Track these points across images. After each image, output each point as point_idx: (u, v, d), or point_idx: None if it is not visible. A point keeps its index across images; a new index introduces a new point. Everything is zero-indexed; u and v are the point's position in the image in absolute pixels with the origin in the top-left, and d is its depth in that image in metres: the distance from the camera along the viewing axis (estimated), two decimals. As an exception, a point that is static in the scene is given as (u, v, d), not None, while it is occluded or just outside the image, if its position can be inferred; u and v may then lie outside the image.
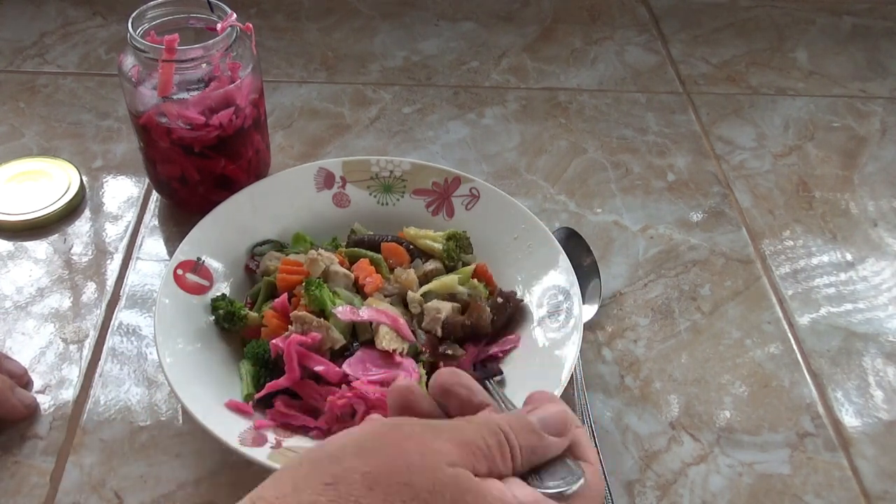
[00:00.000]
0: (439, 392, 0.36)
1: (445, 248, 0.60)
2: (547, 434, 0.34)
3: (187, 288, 0.57)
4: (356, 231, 0.63)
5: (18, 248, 0.66)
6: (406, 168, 0.66)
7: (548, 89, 0.86)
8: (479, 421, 0.33)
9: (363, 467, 0.29)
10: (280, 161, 0.74)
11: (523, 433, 0.33)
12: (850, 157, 0.80)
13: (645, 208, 0.73)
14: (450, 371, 0.37)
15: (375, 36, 0.93)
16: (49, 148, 0.75)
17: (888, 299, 0.66)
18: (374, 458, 0.30)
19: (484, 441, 0.32)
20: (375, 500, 0.28)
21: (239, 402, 0.51)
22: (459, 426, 0.33)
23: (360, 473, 0.29)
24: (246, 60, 0.61)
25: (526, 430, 0.33)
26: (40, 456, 0.52)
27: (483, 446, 0.32)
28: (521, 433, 0.33)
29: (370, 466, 0.29)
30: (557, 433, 0.34)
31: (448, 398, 0.36)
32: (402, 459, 0.30)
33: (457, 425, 0.33)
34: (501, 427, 0.33)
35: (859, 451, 0.55)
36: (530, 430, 0.33)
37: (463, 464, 0.31)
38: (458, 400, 0.36)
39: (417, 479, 0.29)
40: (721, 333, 0.62)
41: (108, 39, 0.89)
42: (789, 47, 0.95)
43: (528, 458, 0.33)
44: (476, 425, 0.33)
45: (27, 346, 0.58)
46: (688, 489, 0.52)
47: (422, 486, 0.29)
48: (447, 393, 0.36)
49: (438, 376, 0.36)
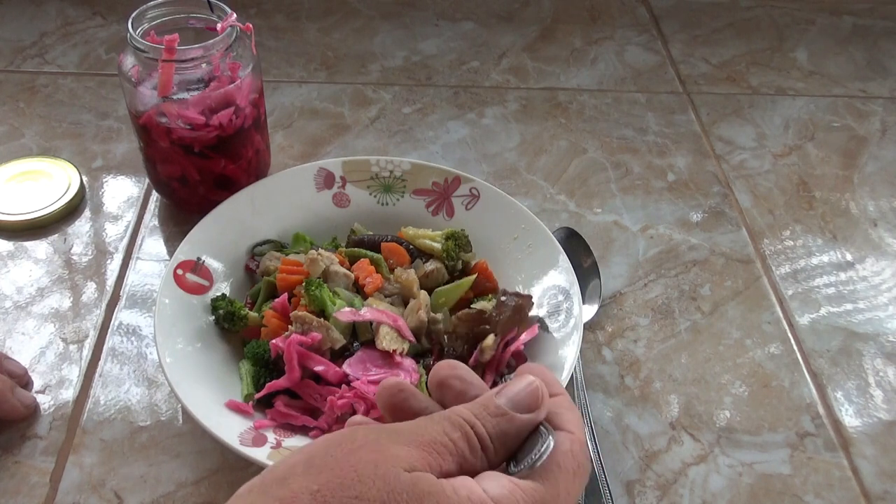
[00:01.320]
0: (435, 386, 0.34)
1: (445, 248, 0.60)
2: (517, 413, 0.31)
3: (187, 288, 0.57)
4: (356, 231, 0.63)
5: (18, 248, 0.66)
6: (406, 168, 0.66)
7: (548, 89, 0.86)
8: (442, 416, 0.31)
9: (312, 486, 0.27)
10: (280, 161, 0.74)
11: (490, 419, 0.31)
12: (850, 157, 0.80)
13: (645, 208, 0.73)
14: (447, 363, 0.34)
15: (375, 36, 0.93)
16: (49, 148, 0.75)
17: (888, 299, 0.66)
18: (323, 474, 0.28)
19: (447, 437, 0.30)
20: None
21: (239, 402, 0.51)
22: (420, 425, 0.31)
23: (308, 493, 0.27)
24: (246, 60, 0.61)
25: (492, 415, 0.31)
26: (40, 456, 0.52)
27: (447, 442, 0.30)
28: (487, 419, 0.31)
29: (319, 484, 0.27)
30: (529, 409, 0.31)
31: (443, 392, 0.34)
32: (353, 471, 0.28)
33: (418, 424, 0.31)
34: (465, 417, 0.31)
35: (859, 451, 0.55)
36: (497, 414, 0.31)
37: (424, 466, 0.29)
38: (452, 393, 0.33)
39: (369, 490, 0.27)
40: (721, 333, 0.62)
41: (108, 39, 0.89)
42: (789, 47, 0.95)
43: (502, 444, 0.31)
44: (437, 421, 0.30)
45: (27, 346, 0.58)
46: (688, 489, 0.52)
47: (374, 497, 0.27)
48: (442, 386, 0.34)
49: (435, 369, 0.34)
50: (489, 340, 0.53)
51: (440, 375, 0.34)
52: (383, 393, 0.34)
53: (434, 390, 0.34)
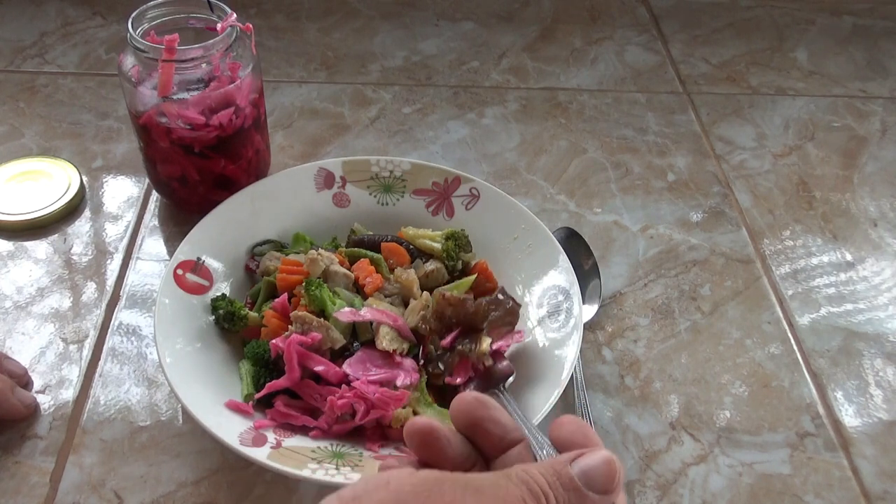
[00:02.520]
0: (466, 425, 0.34)
1: (444, 248, 0.60)
2: (591, 492, 0.31)
3: (187, 288, 0.57)
4: (356, 231, 0.63)
5: (18, 248, 0.66)
6: (406, 168, 0.66)
7: (548, 89, 0.86)
8: (519, 479, 0.31)
9: None
10: (280, 161, 0.74)
11: (562, 492, 0.31)
12: (850, 157, 0.80)
13: (645, 208, 0.73)
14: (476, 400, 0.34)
15: (375, 36, 0.93)
16: (49, 148, 0.75)
17: (888, 299, 0.66)
18: None
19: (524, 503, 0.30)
20: None
21: (239, 402, 0.51)
22: (500, 485, 0.31)
23: None
24: (246, 60, 0.61)
25: (566, 488, 0.31)
26: (40, 456, 0.52)
27: None
28: (560, 492, 0.31)
29: None
30: (603, 490, 0.31)
31: (477, 435, 0.34)
32: None
33: (498, 484, 0.31)
34: (541, 486, 0.31)
35: (859, 451, 0.55)
36: (571, 488, 0.31)
37: None
38: (488, 439, 0.34)
39: None
40: (721, 333, 0.62)
41: (108, 39, 0.89)
42: (789, 47, 0.95)
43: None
44: (517, 484, 0.30)
45: (27, 346, 0.58)
46: (688, 489, 0.52)
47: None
48: (476, 428, 0.34)
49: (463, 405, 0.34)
50: (485, 345, 0.52)
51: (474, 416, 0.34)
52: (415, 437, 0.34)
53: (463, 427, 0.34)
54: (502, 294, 0.56)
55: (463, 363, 0.52)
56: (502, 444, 0.34)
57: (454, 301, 0.53)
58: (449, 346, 0.53)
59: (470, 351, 0.52)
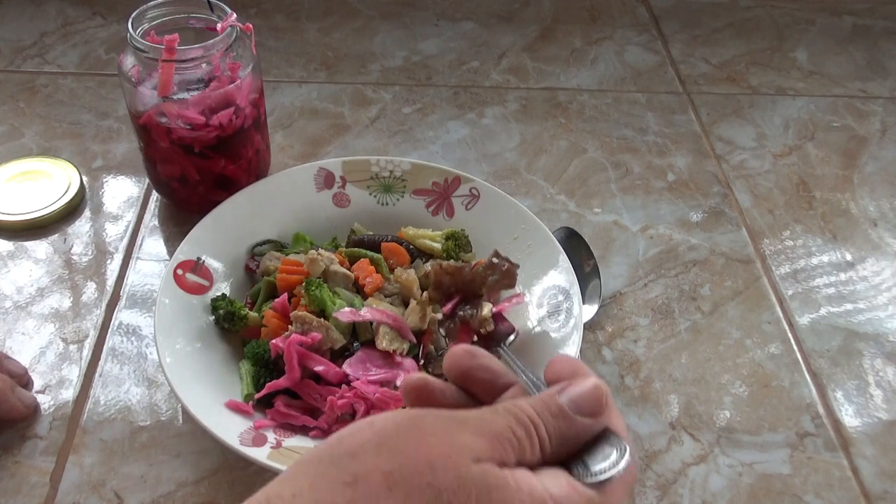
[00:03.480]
0: (458, 376, 0.34)
1: (444, 248, 0.60)
2: (579, 416, 0.31)
3: (187, 288, 0.57)
4: (356, 231, 0.63)
5: (18, 248, 0.66)
6: (406, 168, 0.66)
7: (548, 89, 0.86)
8: (506, 410, 0.31)
9: (384, 466, 0.28)
10: (280, 161, 0.74)
11: (551, 420, 0.31)
12: (850, 157, 0.80)
13: (645, 208, 0.73)
14: (464, 351, 0.35)
15: (375, 36, 0.93)
16: (49, 148, 0.75)
17: (888, 299, 0.66)
18: (396, 456, 0.29)
19: (512, 432, 0.30)
20: (396, 501, 0.27)
21: (239, 402, 0.51)
22: (485, 417, 0.31)
23: (380, 473, 0.28)
24: (246, 60, 0.61)
25: (554, 415, 0.31)
26: (40, 456, 0.52)
27: (511, 438, 0.30)
28: (549, 420, 0.31)
29: (391, 465, 0.28)
30: (591, 413, 0.32)
31: (469, 383, 0.34)
32: (425, 457, 0.29)
33: (483, 416, 0.31)
34: (529, 416, 0.31)
35: (859, 451, 0.55)
36: (559, 415, 0.31)
37: (490, 457, 0.29)
38: (480, 386, 0.34)
39: (441, 478, 0.28)
40: (721, 333, 0.62)
41: (108, 39, 0.89)
42: (789, 47, 0.95)
43: (560, 444, 0.31)
44: (503, 415, 0.31)
45: (27, 346, 0.58)
46: (688, 489, 0.52)
47: (445, 485, 0.28)
48: (467, 378, 0.34)
49: (453, 358, 0.34)
50: (486, 311, 0.52)
51: (463, 366, 0.34)
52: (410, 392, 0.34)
53: (457, 380, 0.35)
54: (497, 257, 0.55)
55: (465, 329, 0.52)
56: (495, 388, 0.34)
57: (451, 269, 0.54)
58: (450, 314, 0.53)
59: (471, 317, 0.52)
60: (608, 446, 0.31)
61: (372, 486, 0.28)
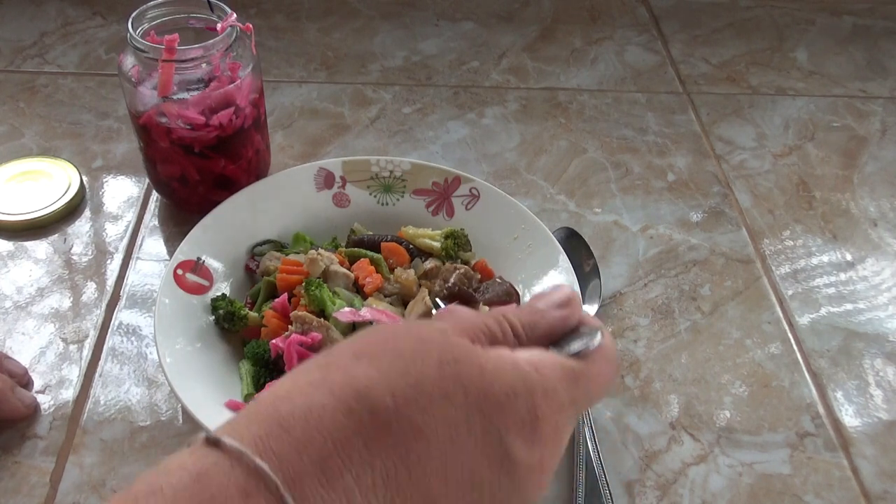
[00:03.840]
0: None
1: (444, 246, 0.60)
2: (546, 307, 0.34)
3: (187, 288, 0.57)
4: (356, 231, 0.63)
5: (18, 248, 0.66)
6: (406, 168, 0.66)
7: (548, 89, 0.86)
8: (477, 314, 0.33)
9: (352, 346, 0.30)
10: (280, 161, 0.74)
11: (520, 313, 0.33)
12: (850, 157, 0.80)
13: (645, 208, 0.73)
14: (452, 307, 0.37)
15: (375, 36, 0.93)
16: (49, 148, 0.75)
17: (888, 299, 0.66)
18: (363, 338, 0.30)
19: (483, 322, 0.32)
20: (361, 365, 0.28)
21: (239, 402, 0.51)
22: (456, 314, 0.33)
23: (350, 351, 0.29)
24: (246, 60, 0.61)
25: (524, 311, 0.33)
26: (40, 456, 0.52)
27: (482, 325, 0.32)
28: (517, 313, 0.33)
29: (359, 344, 0.30)
30: (557, 304, 0.34)
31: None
32: (390, 333, 0.30)
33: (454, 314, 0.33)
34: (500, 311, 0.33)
35: (859, 451, 0.55)
36: (529, 309, 0.33)
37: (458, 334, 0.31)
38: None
39: (403, 340, 0.29)
40: (721, 333, 0.62)
41: (108, 39, 0.89)
42: (789, 47, 0.95)
43: (532, 331, 0.33)
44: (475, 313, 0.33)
45: (27, 346, 0.58)
46: (688, 489, 0.52)
47: (408, 346, 0.29)
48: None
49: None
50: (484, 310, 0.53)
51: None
52: None
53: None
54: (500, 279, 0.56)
55: None
56: None
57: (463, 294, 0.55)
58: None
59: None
60: (584, 333, 0.33)
61: (341, 359, 0.29)
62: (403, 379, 0.28)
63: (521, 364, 0.30)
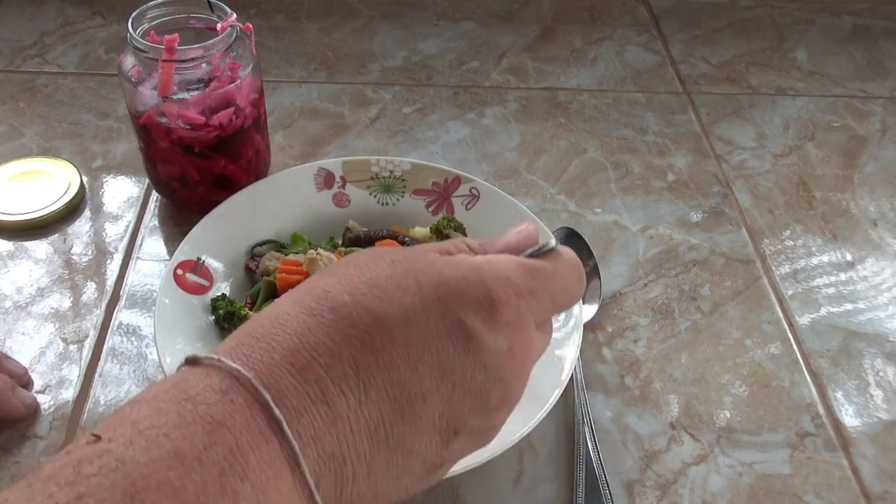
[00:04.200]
0: None
1: (436, 226, 0.60)
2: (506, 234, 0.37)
3: (187, 288, 0.57)
4: (351, 228, 0.63)
5: (18, 248, 0.66)
6: (406, 168, 0.66)
7: (548, 89, 0.86)
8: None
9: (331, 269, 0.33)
10: (280, 161, 0.74)
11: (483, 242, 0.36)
12: (850, 157, 0.80)
13: (645, 208, 0.73)
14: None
15: (375, 36, 0.93)
16: (49, 148, 0.75)
17: (888, 299, 0.66)
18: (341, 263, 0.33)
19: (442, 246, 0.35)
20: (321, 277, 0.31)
21: (239, 402, 0.51)
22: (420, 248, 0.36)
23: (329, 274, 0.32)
24: (246, 60, 0.61)
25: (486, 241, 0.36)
26: (40, 456, 0.52)
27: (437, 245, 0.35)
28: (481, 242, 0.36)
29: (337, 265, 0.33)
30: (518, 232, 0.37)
31: None
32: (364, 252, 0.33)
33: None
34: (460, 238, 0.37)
35: (859, 451, 0.55)
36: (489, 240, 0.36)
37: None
38: None
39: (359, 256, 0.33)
40: (721, 333, 0.62)
41: (108, 39, 0.89)
42: (789, 47, 0.95)
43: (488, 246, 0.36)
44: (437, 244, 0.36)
45: (27, 346, 0.58)
46: (688, 489, 0.52)
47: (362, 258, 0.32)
48: None
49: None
50: None
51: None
52: None
53: None
54: None
55: None
56: None
57: None
58: None
59: None
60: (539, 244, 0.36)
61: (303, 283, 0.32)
62: (359, 279, 0.30)
63: (473, 259, 0.32)
